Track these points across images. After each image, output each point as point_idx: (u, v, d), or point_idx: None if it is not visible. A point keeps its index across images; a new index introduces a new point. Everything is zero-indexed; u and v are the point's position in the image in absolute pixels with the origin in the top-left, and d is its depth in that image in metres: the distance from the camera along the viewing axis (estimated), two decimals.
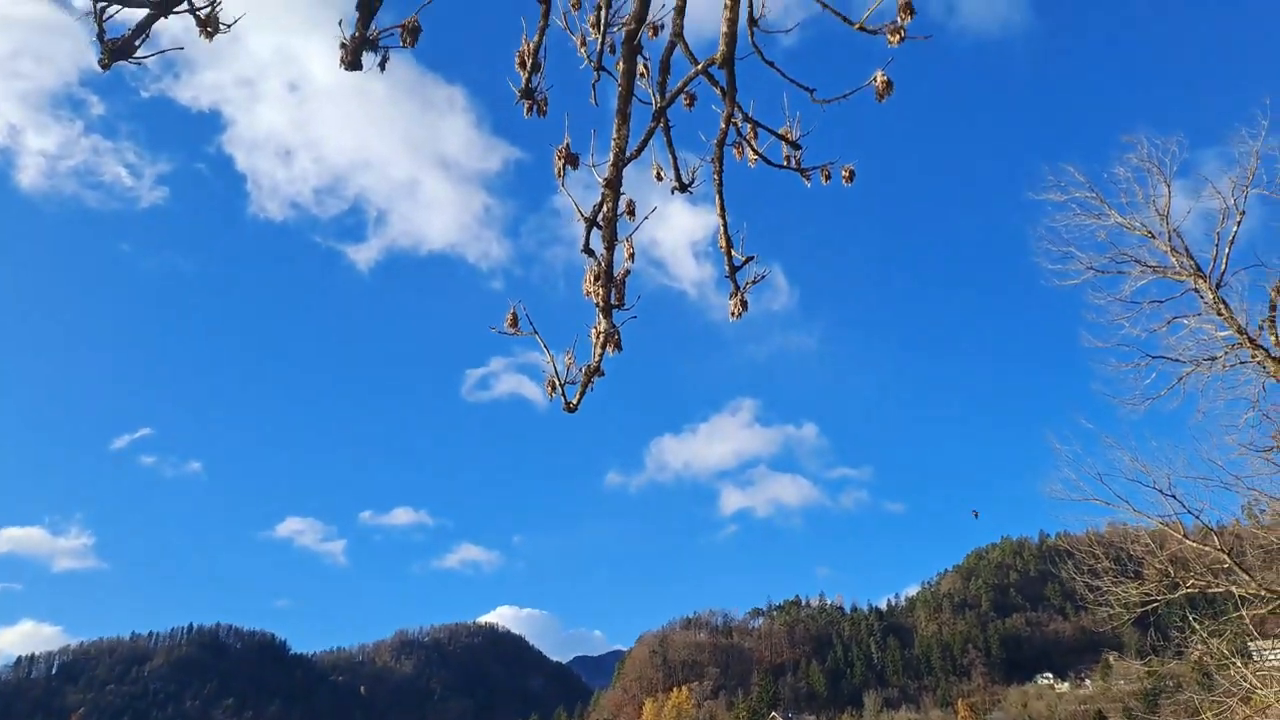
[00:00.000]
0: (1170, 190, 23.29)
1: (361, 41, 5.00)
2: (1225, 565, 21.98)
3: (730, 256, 6.95)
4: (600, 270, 6.18)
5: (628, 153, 6.16)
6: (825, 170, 7.33)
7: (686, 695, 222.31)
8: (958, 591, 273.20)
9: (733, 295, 7.00)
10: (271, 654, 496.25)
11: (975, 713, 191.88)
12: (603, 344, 6.19)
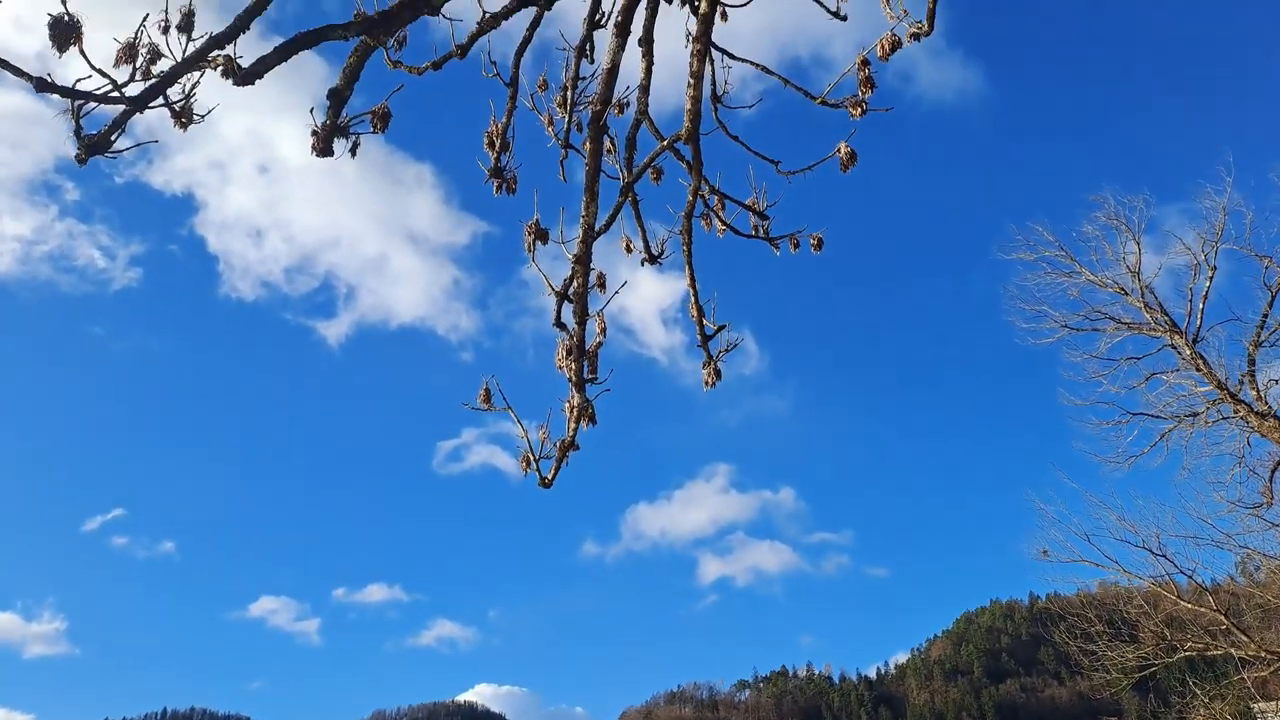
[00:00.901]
0: (1140, 247, 23.78)
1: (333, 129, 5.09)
2: (1223, 626, 21.63)
3: (702, 325, 7.01)
4: (572, 344, 6.21)
5: (596, 228, 6.26)
6: (794, 239, 7.46)
7: None
8: (948, 658, 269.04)
9: (706, 364, 7.04)
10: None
11: None
12: (576, 418, 6.18)
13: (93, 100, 4.47)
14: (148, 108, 4.62)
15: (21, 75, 4.31)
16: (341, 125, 5.19)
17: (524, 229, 6.38)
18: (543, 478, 6.58)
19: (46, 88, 4.39)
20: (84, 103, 4.47)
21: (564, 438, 6.43)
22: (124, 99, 4.55)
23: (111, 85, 4.52)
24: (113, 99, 4.54)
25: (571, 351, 6.24)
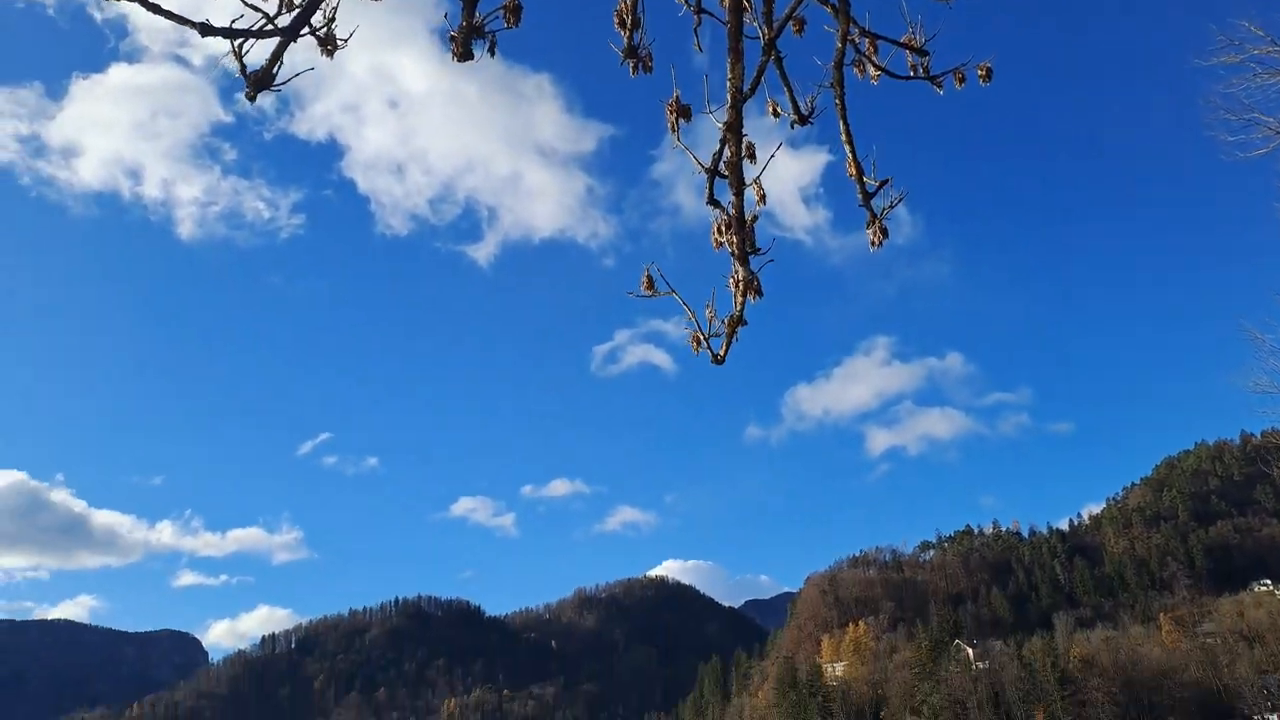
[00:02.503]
0: None
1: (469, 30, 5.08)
2: None
3: (863, 182, 6.68)
4: (730, 218, 6.08)
5: (744, 90, 5.99)
6: (958, 73, 6.87)
7: (864, 630, 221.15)
8: (1149, 505, 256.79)
9: (870, 224, 6.74)
10: (469, 618, 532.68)
11: (1182, 626, 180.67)
12: (743, 292, 6.11)
13: (251, 36, 4.67)
14: (299, 36, 4.78)
15: (186, 23, 4.55)
16: (476, 26, 5.16)
17: (665, 109, 6.17)
18: (715, 355, 6.62)
19: (210, 31, 4.61)
20: (244, 40, 4.67)
21: (732, 313, 6.40)
22: (278, 30, 4.72)
23: (264, 18, 4.69)
24: (268, 32, 4.72)
25: (730, 226, 6.12)
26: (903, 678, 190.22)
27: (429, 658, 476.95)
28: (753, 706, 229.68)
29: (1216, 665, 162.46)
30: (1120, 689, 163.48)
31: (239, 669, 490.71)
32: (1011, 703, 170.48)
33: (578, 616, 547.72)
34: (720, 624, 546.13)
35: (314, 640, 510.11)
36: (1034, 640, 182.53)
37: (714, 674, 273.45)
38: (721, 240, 6.23)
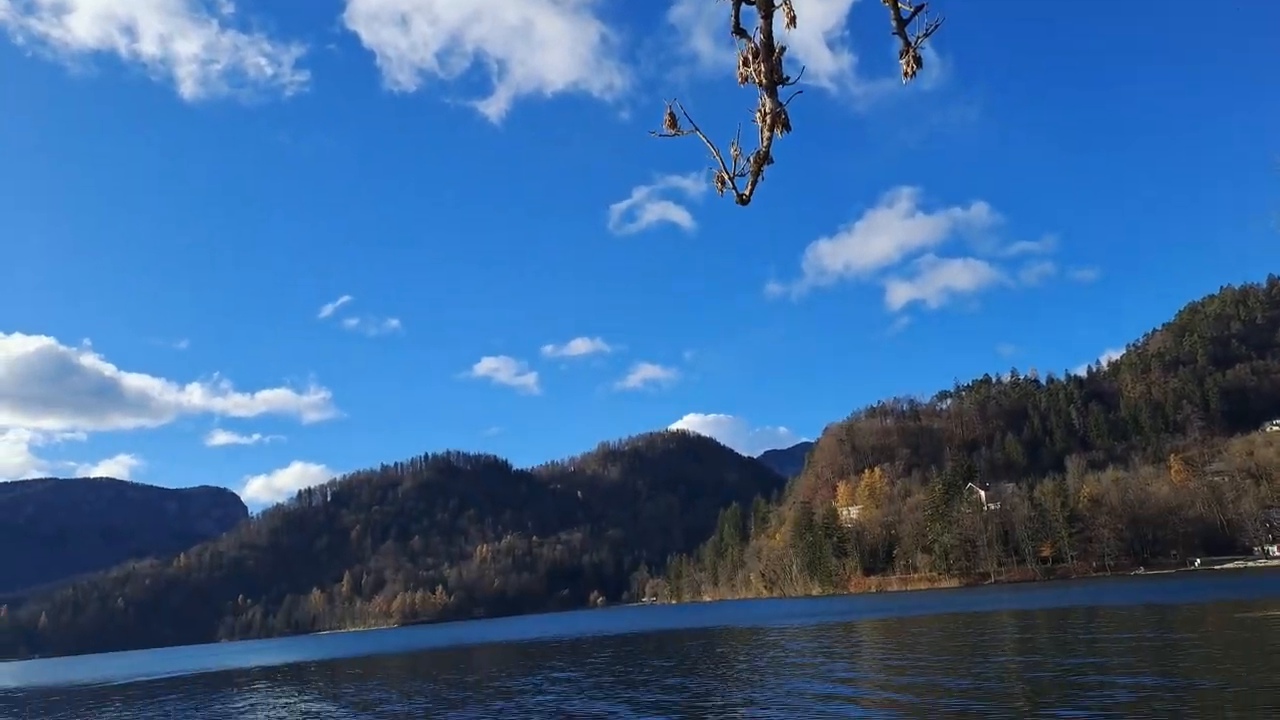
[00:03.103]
0: None
1: None
2: None
3: (897, 8, 6.33)
4: (757, 47, 5.82)
5: None
6: None
7: (879, 475, 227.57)
8: (1168, 350, 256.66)
9: (903, 53, 6.41)
10: (497, 471, 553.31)
11: (1191, 465, 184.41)
12: (770, 125, 5.90)
13: None
14: None
15: None
16: None
17: None
18: (740, 195, 6.49)
19: None
20: None
21: (758, 150, 6.23)
22: None
23: None
24: None
25: (757, 55, 5.86)
26: (915, 519, 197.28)
27: (460, 508, 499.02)
28: (770, 547, 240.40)
29: (1222, 501, 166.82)
30: (1126, 525, 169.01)
31: (278, 521, 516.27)
32: (1020, 540, 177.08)
33: (602, 469, 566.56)
34: (740, 473, 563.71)
35: (348, 494, 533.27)
36: (1045, 482, 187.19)
37: (733, 519, 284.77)
38: (747, 72, 5.99)
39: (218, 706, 36.70)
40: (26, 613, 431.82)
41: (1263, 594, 59.11)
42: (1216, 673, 21.60)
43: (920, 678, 25.98)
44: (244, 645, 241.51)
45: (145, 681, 66.59)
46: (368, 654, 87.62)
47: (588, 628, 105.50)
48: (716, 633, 64.77)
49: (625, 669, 38.35)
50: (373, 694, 35.24)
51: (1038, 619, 52.19)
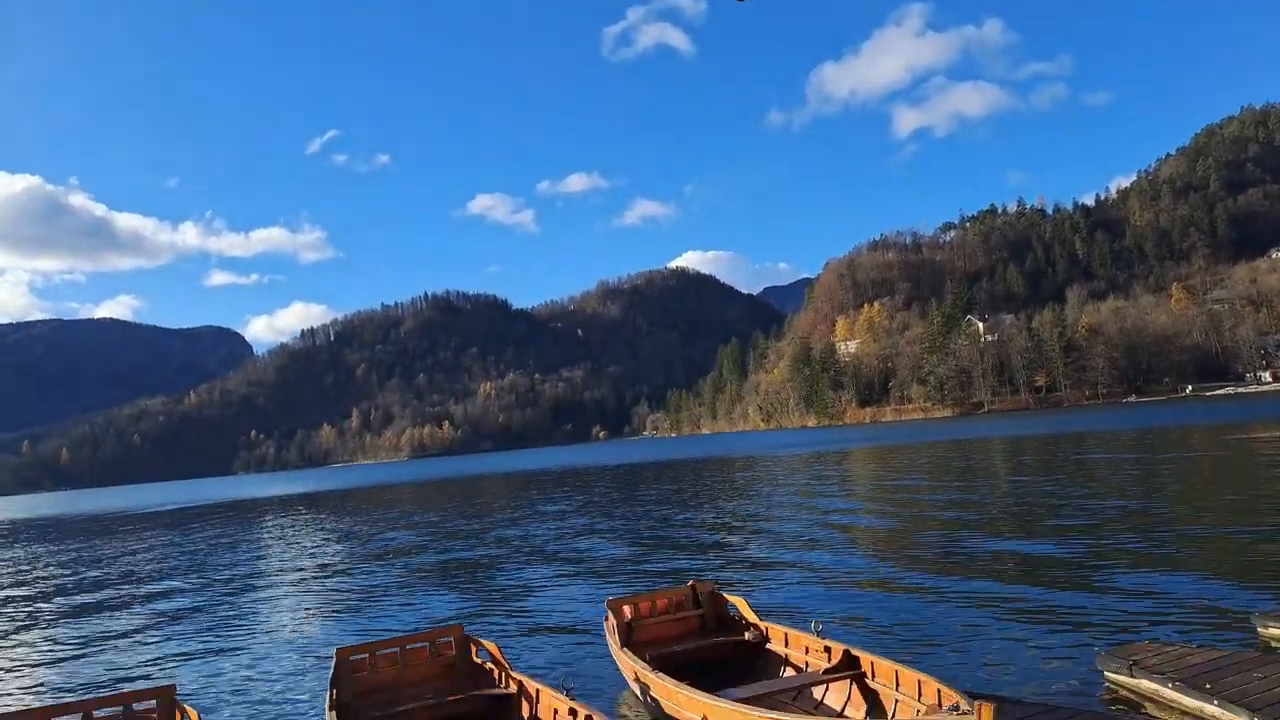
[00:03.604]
0: None
1: None
2: None
3: None
4: None
5: None
6: None
7: (878, 309, 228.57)
8: (1180, 175, 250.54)
9: None
10: (497, 311, 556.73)
11: (1192, 293, 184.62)
12: None
13: None
14: None
15: None
16: None
17: None
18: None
19: None
20: None
21: None
22: None
23: None
24: None
25: None
26: (912, 351, 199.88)
27: (462, 347, 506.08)
28: (768, 382, 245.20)
29: (1219, 329, 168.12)
30: (1122, 354, 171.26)
31: (284, 360, 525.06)
32: (1015, 370, 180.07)
33: (601, 307, 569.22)
34: (739, 310, 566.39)
35: (351, 333, 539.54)
36: (1045, 313, 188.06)
37: (732, 354, 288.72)
38: None
39: (251, 529, 38.44)
40: (47, 448, 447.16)
41: (1250, 418, 60.48)
42: (1197, 488, 22.28)
43: (907, 498, 26.91)
44: (262, 477, 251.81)
45: (177, 509, 69.69)
46: (382, 483, 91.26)
47: (590, 459, 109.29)
48: (714, 462, 66.97)
49: (624, 495, 39.80)
50: (390, 517, 36.83)
51: (1027, 445, 53.68)
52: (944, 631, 9.76)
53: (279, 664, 11.32)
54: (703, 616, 8.60)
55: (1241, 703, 5.66)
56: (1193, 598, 10.50)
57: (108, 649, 13.62)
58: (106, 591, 20.98)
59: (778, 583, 14.00)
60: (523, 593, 15.15)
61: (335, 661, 7.04)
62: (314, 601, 16.62)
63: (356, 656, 7.21)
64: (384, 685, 7.15)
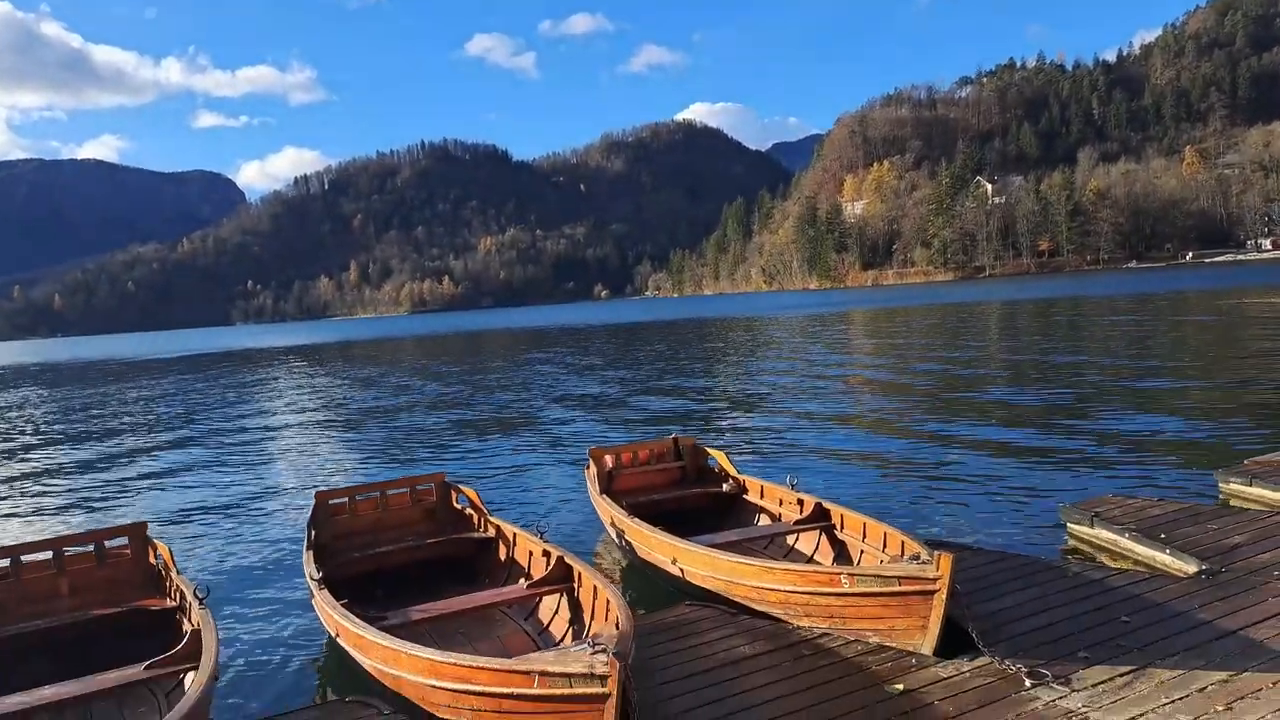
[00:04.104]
0: None
1: None
2: None
3: None
4: None
5: None
6: None
7: (887, 169, 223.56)
8: (1207, 31, 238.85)
9: None
10: (497, 162, 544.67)
11: (1205, 157, 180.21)
12: None
13: None
14: None
15: None
16: None
17: None
18: None
19: None
20: None
21: None
22: None
23: None
24: None
25: None
26: (918, 213, 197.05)
27: (461, 199, 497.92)
28: (772, 243, 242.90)
29: (1227, 195, 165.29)
30: (1128, 219, 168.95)
31: (278, 208, 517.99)
32: (1019, 235, 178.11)
33: (605, 160, 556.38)
34: (746, 167, 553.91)
35: (346, 181, 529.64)
36: (1054, 175, 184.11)
37: (737, 214, 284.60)
38: None
39: (245, 379, 38.99)
40: (40, 294, 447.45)
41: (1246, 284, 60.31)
42: (1184, 351, 22.45)
43: (897, 358, 27.15)
44: (260, 328, 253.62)
45: (173, 358, 70.48)
46: (381, 337, 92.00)
47: (591, 318, 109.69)
48: (713, 323, 67.27)
49: (620, 354, 40.16)
50: (387, 370, 37.31)
51: (1024, 308, 53.74)
52: (917, 486, 10.02)
53: (258, 507, 11.61)
54: (683, 468, 8.78)
55: (1192, 551, 5.85)
56: (1163, 455, 10.73)
57: (85, 491, 13.94)
58: (90, 436, 21.35)
59: (760, 438, 14.28)
60: (510, 444, 15.49)
61: (314, 504, 7.16)
62: (297, 449, 16.98)
63: (336, 500, 7.35)
64: (363, 529, 7.30)
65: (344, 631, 4.98)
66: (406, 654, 4.30)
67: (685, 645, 5.00)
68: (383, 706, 4.50)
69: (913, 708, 4.07)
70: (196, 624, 4.87)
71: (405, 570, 6.85)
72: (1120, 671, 4.28)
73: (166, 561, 6.17)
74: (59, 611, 5.90)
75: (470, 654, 4.24)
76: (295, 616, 6.80)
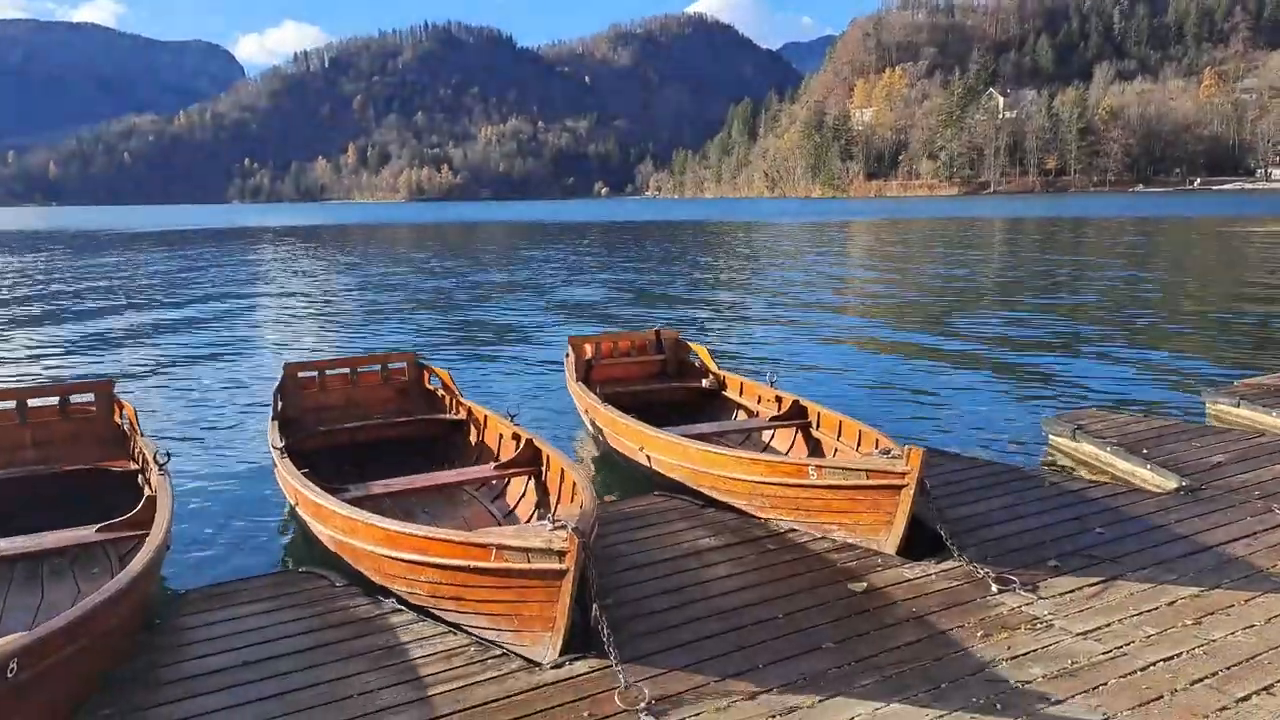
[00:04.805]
0: None
1: None
2: None
3: None
4: None
5: None
6: None
7: (900, 76, 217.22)
8: None
9: None
10: (501, 47, 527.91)
11: (1223, 80, 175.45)
12: None
13: None
14: None
15: None
16: None
17: None
18: None
19: None
20: None
21: None
22: None
23: None
24: None
25: None
26: (928, 124, 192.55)
27: (463, 85, 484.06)
28: (777, 148, 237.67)
29: (1242, 120, 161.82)
30: (1138, 142, 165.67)
31: (276, 84, 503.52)
32: (1027, 151, 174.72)
33: (612, 52, 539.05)
34: (756, 67, 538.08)
35: (346, 60, 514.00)
36: (1068, 91, 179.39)
37: (743, 115, 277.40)
38: None
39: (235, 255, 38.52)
40: (34, 160, 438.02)
41: (1252, 212, 59.59)
42: (1183, 274, 22.24)
43: (893, 268, 26.85)
44: (256, 208, 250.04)
45: (167, 231, 69.50)
46: (378, 222, 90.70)
47: (590, 214, 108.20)
48: (712, 226, 66.44)
49: (615, 251, 39.72)
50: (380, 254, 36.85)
51: (1026, 225, 53.09)
52: (901, 394, 9.91)
53: (226, 374, 11.51)
54: (664, 361, 8.61)
55: (1174, 468, 5.75)
56: (1152, 375, 10.63)
57: (57, 350, 13.89)
58: (70, 300, 21.18)
59: (747, 337, 14.12)
60: (491, 331, 15.31)
61: (282, 375, 6.99)
62: (273, 321, 16.83)
63: (305, 374, 7.17)
64: (332, 404, 7.14)
65: (303, 500, 4.87)
66: (363, 523, 4.18)
67: (651, 534, 4.92)
68: (335, 578, 4.41)
69: (874, 606, 3.98)
70: (155, 489, 4.76)
71: (373, 448, 6.72)
72: (1090, 582, 4.19)
73: (131, 421, 6.04)
74: (21, 463, 5.81)
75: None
76: (257, 486, 6.71)
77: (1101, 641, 3.57)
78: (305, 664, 3.53)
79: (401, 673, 3.43)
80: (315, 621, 3.94)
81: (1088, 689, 3.20)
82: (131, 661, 3.55)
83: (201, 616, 4.02)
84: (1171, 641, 3.57)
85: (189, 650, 3.67)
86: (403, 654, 3.60)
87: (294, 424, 6.65)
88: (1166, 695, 3.16)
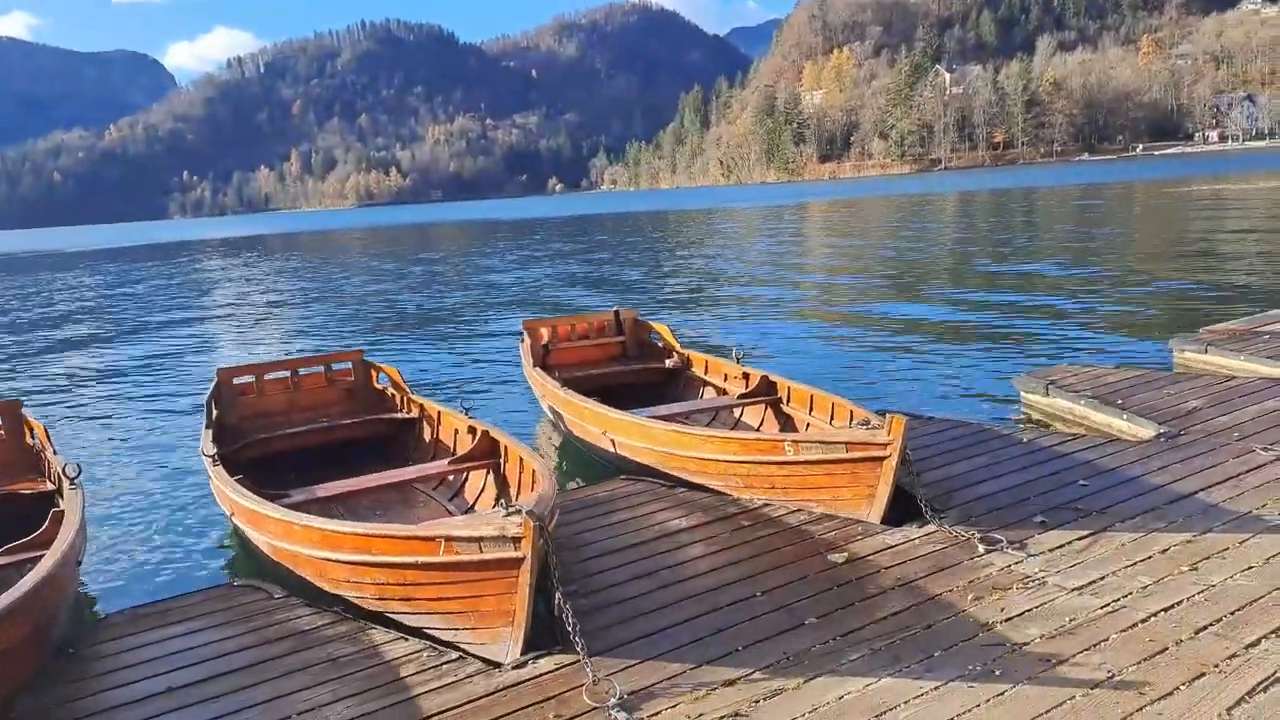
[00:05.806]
0: None
1: None
2: None
3: None
4: None
5: None
6: None
7: (847, 56, 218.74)
8: None
9: None
10: (443, 44, 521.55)
11: (1160, 47, 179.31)
12: None
13: None
14: None
15: None
16: None
17: None
18: None
19: None
20: None
21: None
22: None
23: None
24: None
25: None
26: (877, 104, 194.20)
27: (406, 85, 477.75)
28: (730, 135, 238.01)
29: (1179, 85, 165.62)
30: (1082, 111, 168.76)
31: (211, 91, 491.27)
32: (976, 126, 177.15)
33: (557, 44, 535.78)
34: (703, 52, 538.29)
35: (283, 64, 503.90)
36: (1012, 64, 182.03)
37: (694, 104, 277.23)
38: None
39: (176, 268, 37.44)
40: None
41: (1191, 174, 60.93)
42: (1130, 234, 22.56)
43: (851, 245, 26.86)
44: (198, 222, 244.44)
45: (99, 250, 67.36)
46: (326, 229, 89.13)
47: (544, 211, 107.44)
48: (669, 215, 66.31)
49: (571, 244, 39.38)
50: (325, 260, 36.06)
51: (978, 198, 53.69)
52: (869, 365, 9.75)
53: (156, 387, 10.94)
54: (624, 343, 8.35)
55: (1149, 416, 5.62)
56: (1118, 329, 10.61)
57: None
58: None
59: (707, 316, 13.91)
60: (443, 327, 14.92)
61: (215, 382, 6.58)
62: (211, 332, 16.21)
63: (241, 379, 6.74)
64: (273, 410, 6.71)
65: (238, 509, 4.51)
66: (299, 525, 3.84)
67: (618, 518, 4.64)
68: (274, 590, 4.06)
69: (857, 576, 3.76)
70: (65, 504, 4.37)
71: (320, 452, 6.32)
72: (1079, 535, 4.00)
73: (43, 441, 5.61)
74: None
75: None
76: (191, 500, 6.32)
77: (1098, 595, 3.42)
78: (240, 684, 3.23)
79: (349, 685, 3.14)
80: (251, 638, 3.60)
81: (1089, 646, 3.03)
82: (39, 694, 3.23)
83: (125, 641, 3.66)
84: (1170, 590, 3.42)
85: (109, 679, 3.34)
86: (350, 665, 3.31)
87: (231, 432, 6.25)
88: (1172, 646, 2.99)
